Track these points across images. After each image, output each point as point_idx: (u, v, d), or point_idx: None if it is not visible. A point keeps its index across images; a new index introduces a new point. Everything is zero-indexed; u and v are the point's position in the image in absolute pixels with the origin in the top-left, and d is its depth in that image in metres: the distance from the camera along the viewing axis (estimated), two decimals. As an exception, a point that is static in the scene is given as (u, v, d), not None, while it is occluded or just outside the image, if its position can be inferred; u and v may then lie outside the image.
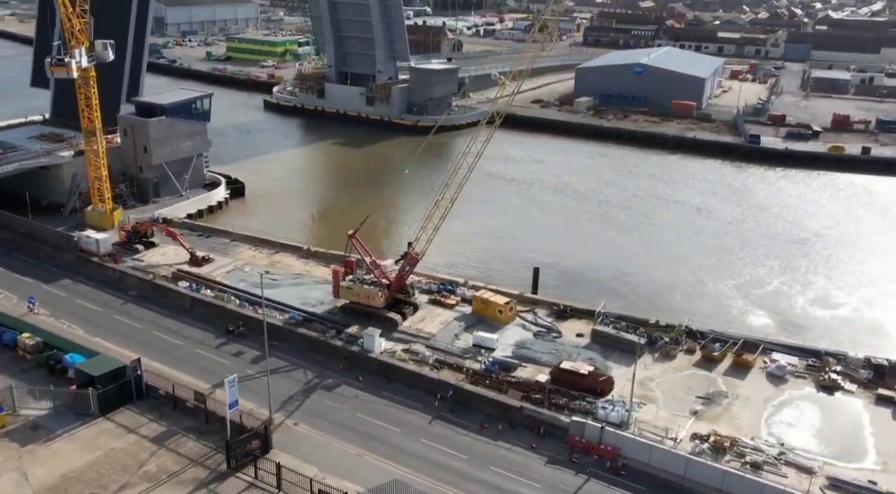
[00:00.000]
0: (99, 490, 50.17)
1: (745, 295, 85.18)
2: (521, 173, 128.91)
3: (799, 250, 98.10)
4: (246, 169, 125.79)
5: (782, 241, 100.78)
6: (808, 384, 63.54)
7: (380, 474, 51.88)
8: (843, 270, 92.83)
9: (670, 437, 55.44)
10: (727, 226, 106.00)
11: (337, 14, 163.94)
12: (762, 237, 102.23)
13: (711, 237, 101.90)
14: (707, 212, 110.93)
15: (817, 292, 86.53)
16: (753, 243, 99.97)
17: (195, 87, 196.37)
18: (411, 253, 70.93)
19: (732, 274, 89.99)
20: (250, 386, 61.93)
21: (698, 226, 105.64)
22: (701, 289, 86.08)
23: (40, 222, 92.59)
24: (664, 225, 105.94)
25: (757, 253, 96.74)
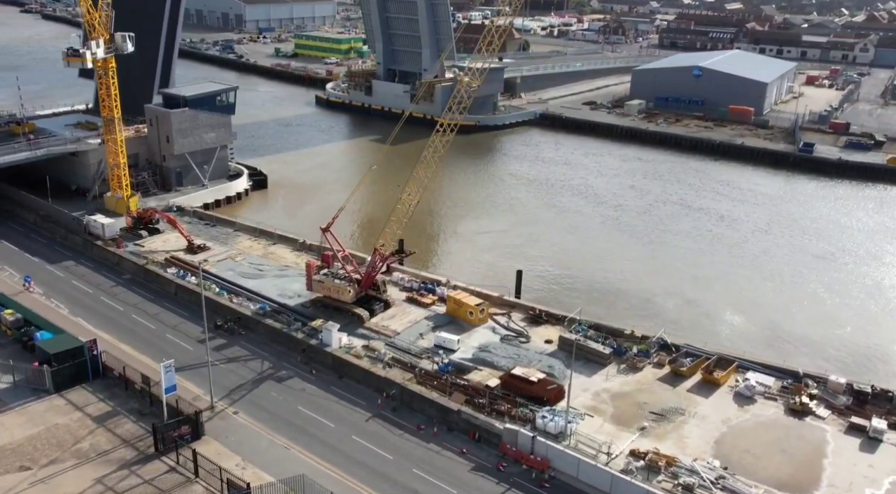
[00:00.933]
0: (29, 463, 51.97)
1: (740, 308, 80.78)
2: (545, 174, 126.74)
3: (817, 265, 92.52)
4: (277, 161, 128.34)
5: (802, 255, 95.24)
6: (777, 406, 59.72)
7: (299, 467, 51.85)
8: (857, 289, 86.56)
9: (605, 452, 53.16)
10: (747, 235, 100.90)
11: (386, 11, 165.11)
12: (781, 249, 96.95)
13: (725, 247, 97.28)
14: (730, 221, 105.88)
15: (822, 310, 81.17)
16: (769, 254, 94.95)
17: (258, 82, 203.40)
18: (378, 250, 70.66)
19: (733, 287, 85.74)
20: (203, 373, 63.10)
21: (715, 235, 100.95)
22: (690, 300, 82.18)
23: (67, 206, 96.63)
24: (676, 232, 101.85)
25: (768, 265, 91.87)
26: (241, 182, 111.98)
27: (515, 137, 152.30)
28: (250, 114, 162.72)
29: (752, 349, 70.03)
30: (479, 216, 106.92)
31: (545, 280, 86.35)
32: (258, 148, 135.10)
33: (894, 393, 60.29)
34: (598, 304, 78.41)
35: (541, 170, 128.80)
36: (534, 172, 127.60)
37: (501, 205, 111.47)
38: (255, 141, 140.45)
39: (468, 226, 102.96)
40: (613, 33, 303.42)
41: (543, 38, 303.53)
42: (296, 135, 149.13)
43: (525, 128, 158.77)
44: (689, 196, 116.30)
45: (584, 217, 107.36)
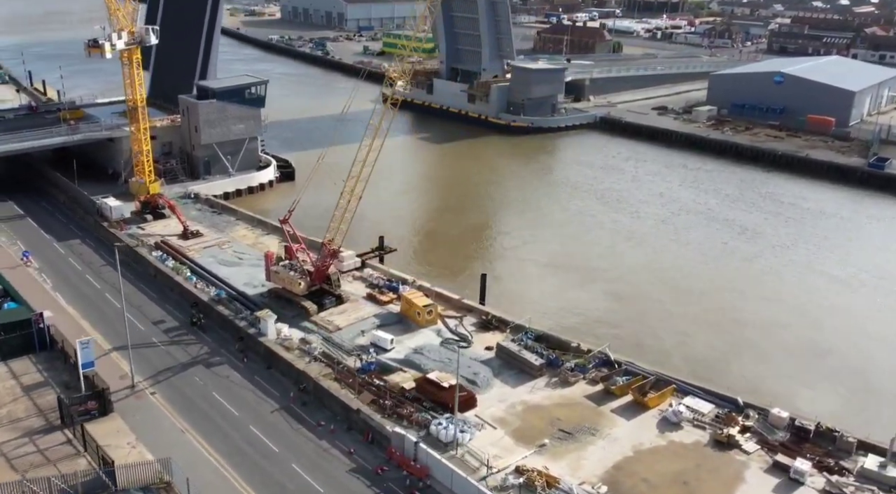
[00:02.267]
0: (-55, 425, 55.59)
1: (717, 326, 75.05)
2: (574, 176, 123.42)
3: (829, 288, 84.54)
4: (316, 155, 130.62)
5: (816, 276, 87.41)
6: (703, 436, 55.23)
7: (185, 451, 52.99)
8: (865, 320, 77.99)
9: (488, 466, 50.99)
10: (764, 250, 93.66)
11: (451, 10, 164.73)
12: (795, 267, 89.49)
13: (733, 261, 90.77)
14: (753, 235, 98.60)
15: (811, 336, 73.96)
16: (778, 272, 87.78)
17: (337, 78, 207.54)
18: (326, 245, 70.73)
19: (716, 303, 79.80)
20: (144, 353, 65.53)
21: (730, 248, 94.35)
22: (661, 314, 77.26)
23: (98, 189, 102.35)
24: (687, 242, 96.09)
25: (771, 283, 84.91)
26: (267, 173, 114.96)
27: (567, 140, 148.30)
28: (310, 107, 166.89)
29: (707, 371, 65.21)
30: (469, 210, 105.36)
31: (510, 282, 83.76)
32: (303, 141, 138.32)
33: (840, 433, 54.41)
34: (553, 312, 75.45)
35: (571, 173, 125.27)
36: (563, 174, 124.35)
37: (505, 200, 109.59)
38: (303, 134, 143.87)
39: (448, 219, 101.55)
40: (720, 36, 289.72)
41: (644, 41, 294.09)
42: (347, 130, 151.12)
43: (582, 131, 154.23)
44: (719, 206, 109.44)
45: (593, 220, 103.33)
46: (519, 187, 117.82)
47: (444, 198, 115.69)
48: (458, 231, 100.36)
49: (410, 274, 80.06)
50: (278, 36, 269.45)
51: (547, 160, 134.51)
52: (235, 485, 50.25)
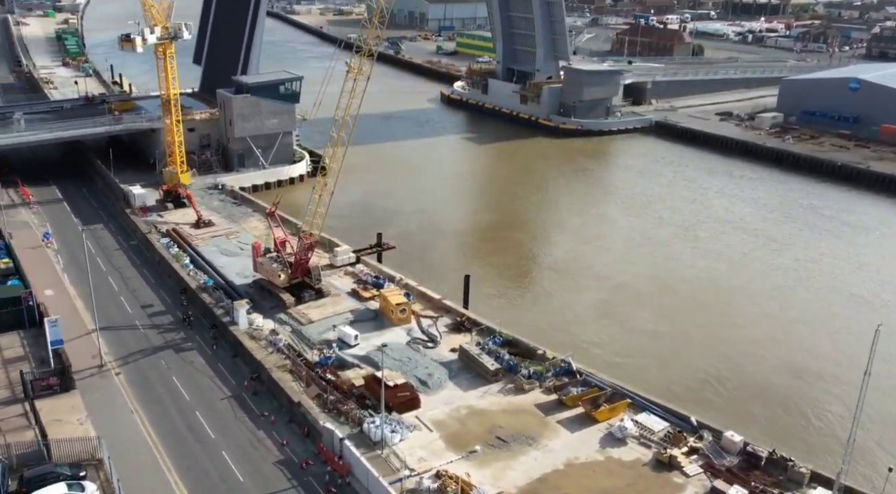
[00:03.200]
0: (-80, 388, 59.36)
1: (702, 341, 71.17)
2: (607, 179, 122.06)
3: (845, 306, 78.85)
4: (357, 151, 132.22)
5: (835, 295, 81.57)
6: (646, 454, 52.64)
7: (127, 430, 55.03)
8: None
9: (409, 469, 50.31)
10: (784, 264, 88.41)
11: (508, 10, 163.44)
12: (812, 283, 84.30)
13: (748, 272, 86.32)
14: (779, 246, 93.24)
15: (805, 358, 69.17)
16: (789, 287, 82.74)
17: (405, 77, 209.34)
18: (304, 237, 71.45)
19: (712, 317, 75.82)
20: (122, 335, 68.19)
21: (748, 259, 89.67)
22: (652, 326, 73.94)
23: (137, 177, 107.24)
24: (703, 251, 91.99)
25: (781, 297, 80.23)
26: (298, 167, 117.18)
27: (615, 144, 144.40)
28: (367, 104, 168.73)
29: (678, 387, 62.14)
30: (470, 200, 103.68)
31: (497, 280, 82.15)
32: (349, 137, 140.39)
33: (793, 462, 50.75)
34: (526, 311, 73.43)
35: (603, 176, 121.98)
36: (597, 177, 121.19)
37: (534, 204, 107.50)
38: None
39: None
40: (814, 40, 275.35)
41: (733, 44, 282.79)
42: (393, 127, 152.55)
43: (635, 135, 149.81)
44: (752, 216, 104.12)
45: (610, 224, 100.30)
46: (546, 188, 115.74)
47: (465, 196, 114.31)
48: (468, 229, 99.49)
49: (408, 273, 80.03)
50: (356, 36, 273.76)
51: (585, 163, 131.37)
52: (162, 467, 51.49)
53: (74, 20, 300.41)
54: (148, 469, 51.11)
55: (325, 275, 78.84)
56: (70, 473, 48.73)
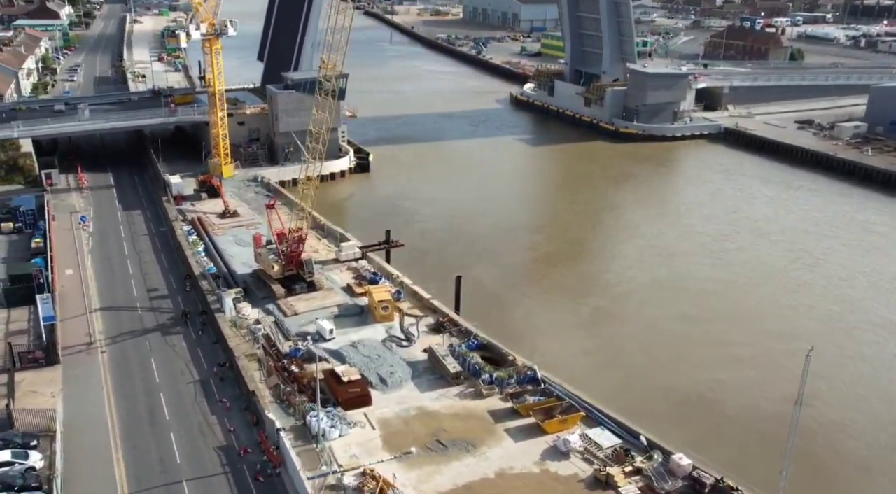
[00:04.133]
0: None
1: (687, 360, 67.30)
2: (649, 185, 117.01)
3: (861, 331, 72.83)
4: (405, 149, 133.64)
5: (854, 313, 75.57)
6: (585, 471, 50.50)
7: (90, 406, 57.56)
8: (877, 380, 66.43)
9: (338, 464, 50.36)
10: (813, 280, 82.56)
11: (578, 10, 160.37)
12: (839, 303, 78.06)
13: (771, 288, 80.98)
14: (812, 262, 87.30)
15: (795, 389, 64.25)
16: (806, 306, 77.27)
17: (481, 76, 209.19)
18: (293, 230, 72.55)
19: (708, 335, 71.55)
20: (119, 315, 71.49)
21: (772, 273, 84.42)
22: (640, 340, 70.44)
23: (190, 167, 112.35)
24: (726, 263, 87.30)
25: (793, 316, 74.80)
26: (341, 163, 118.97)
27: (675, 150, 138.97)
28: (428, 103, 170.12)
29: (643, 404, 59.28)
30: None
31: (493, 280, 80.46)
32: (400, 135, 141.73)
33: (740, 492, 47.46)
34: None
35: (649, 181, 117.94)
36: (640, 183, 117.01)
37: (562, 208, 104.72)
38: (405, 128, 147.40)
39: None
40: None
41: (842, 49, 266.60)
42: (450, 126, 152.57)
43: (700, 142, 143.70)
44: (793, 228, 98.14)
45: (632, 231, 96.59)
46: (581, 192, 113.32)
47: (496, 197, 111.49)
48: (489, 230, 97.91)
49: (412, 271, 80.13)
50: (445, 35, 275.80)
51: (635, 168, 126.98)
52: (110, 443, 53.54)
53: (184, 18, 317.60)
54: (96, 445, 53.27)
55: (327, 269, 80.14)
56: (21, 441, 51.53)
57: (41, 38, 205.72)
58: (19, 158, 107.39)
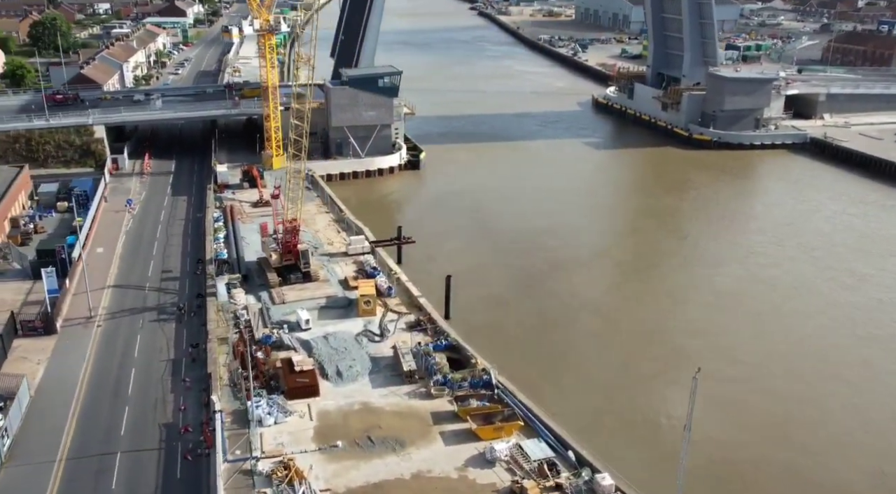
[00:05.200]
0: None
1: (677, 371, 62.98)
2: (702, 191, 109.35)
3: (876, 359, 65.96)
4: (464, 149, 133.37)
5: (871, 342, 68.44)
6: (503, 482, 48.78)
7: (69, 375, 61.00)
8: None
9: (262, 450, 51.18)
10: (855, 302, 75.83)
11: (662, 11, 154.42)
12: (868, 329, 71.08)
13: (797, 306, 74.73)
14: (856, 282, 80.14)
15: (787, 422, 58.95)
16: (828, 330, 70.50)
17: (569, 77, 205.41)
18: (285, 221, 74.00)
19: (711, 350, 66.65)
20: (127, 293, 75.56)
21: (806, 289, 78.90)
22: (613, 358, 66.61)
23: (248, 158, 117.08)
24: (752, 277, 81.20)
25: (810, 340, 68.34)
26: (390, 159, 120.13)
27: (749, 159, 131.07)
28: (506, 103, 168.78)
29: (595, 419, 56.54)
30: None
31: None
32: (465, 133, 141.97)
33: (652, 520, 44.51)
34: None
35: (699, 190, 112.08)
36: (690, 192, 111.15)
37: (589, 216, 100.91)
38: (472, 126, 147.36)
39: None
40: None
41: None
42: (520, 126, 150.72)
43: (781, 152, 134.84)
44: (844, 246, 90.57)
45: (643, 237, 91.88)
46: (624, 199, 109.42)
47: (534, 199, 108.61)
48: (512, 231, 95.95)
49: (418, 269, 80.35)
50: (548, 36, 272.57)
51: (695, 176, 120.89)
52: (69, 412, 56.56)
53: (300, 16, 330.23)
54: (56, 412, 56.45)
55: (334, 261, 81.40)
56: (-14, 403, 55.44)
57: (159, 34, 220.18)
58: (92, 143, 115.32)
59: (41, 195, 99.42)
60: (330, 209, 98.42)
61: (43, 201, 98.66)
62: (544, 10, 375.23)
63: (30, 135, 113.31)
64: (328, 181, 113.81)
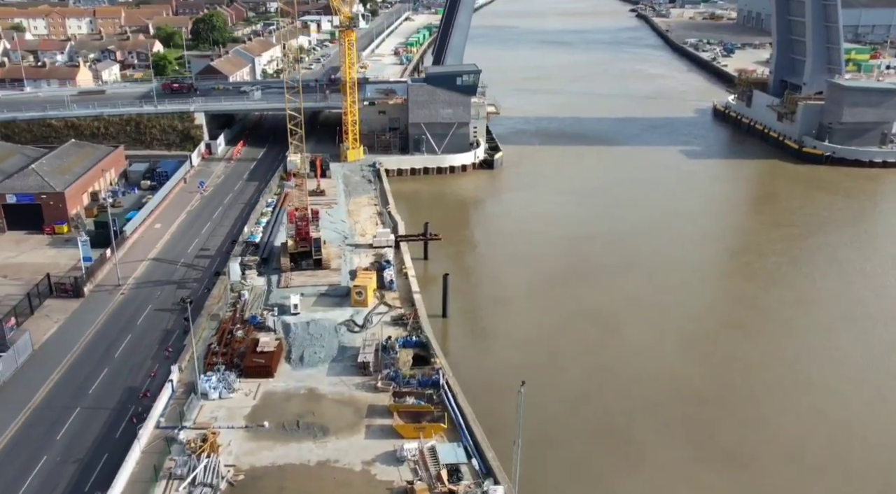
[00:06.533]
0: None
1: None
2: (768, 209, 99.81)
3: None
4: (550, 151, 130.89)
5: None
6: (402, 482, 48.17)
7: (68, 335, 66.76)
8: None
9: (194, 421, 53.83)
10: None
11: (788, 13, 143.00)
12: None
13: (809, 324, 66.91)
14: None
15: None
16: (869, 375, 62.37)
17: (704, 83, 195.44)
18: (299, 208, 76.33)
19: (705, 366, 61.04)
20: (161, 266, 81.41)
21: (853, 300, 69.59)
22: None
23: (330, 149, 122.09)
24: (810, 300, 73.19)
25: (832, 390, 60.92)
26: (463, 157, 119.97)
27: (866, 178, 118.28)
28: (616, 106, 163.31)
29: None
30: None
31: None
32: (556, 134, 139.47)
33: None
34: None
35: (771, 206, 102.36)
36: (758, 207, 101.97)
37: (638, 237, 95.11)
38: (567, 128, 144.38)
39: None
40: None
41: None
42: (615, 130, 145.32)
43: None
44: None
45: (662, 258, 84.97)
46: (679, 213, 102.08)
47: (597, 208, 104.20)
48: (551, 237, 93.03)
49: (434, 266, 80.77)
50: (695, 39, 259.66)
51: (785, 194, 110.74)
52: (56, 368, 61.99)
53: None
54: (46, 366, 61.96)
55: (357, 252, 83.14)
56: (-9, 349, 62.05)
57: (304, 30, 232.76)
58: (192, 129, 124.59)
59: (130, 173, 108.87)
60: (381, 202, 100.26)
61: (131, 179, 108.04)
62: (706, 12, 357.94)
63: (140, 119, 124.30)
64: (398, 175, 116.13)
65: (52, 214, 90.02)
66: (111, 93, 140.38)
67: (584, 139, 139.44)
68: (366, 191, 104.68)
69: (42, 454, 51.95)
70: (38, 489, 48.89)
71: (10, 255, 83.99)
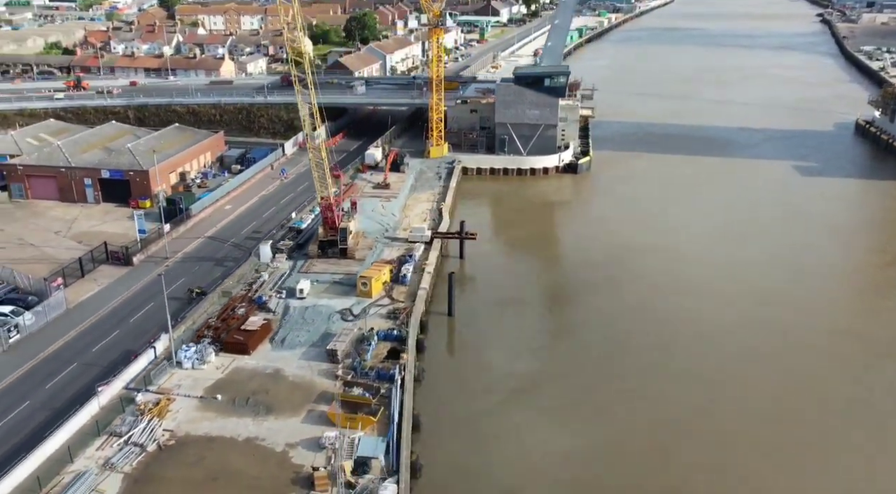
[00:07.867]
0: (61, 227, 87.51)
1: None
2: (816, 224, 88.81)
3: None
4: (646, 159, 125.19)
5: None
6: (318, 471, 48.77)
7: (96, 301, 73.11)
8: None
9: (157, 386, 57.54)
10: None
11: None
12: None
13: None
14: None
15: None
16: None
17: (863, 97, 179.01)
18: (323, 198, 78.51)
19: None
20: (212, 244, 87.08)
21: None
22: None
23: (418, 144, 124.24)
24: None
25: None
26: (546, 160, 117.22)
27: None
28: (741, 115, 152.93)
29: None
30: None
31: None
32: (659, 141, 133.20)
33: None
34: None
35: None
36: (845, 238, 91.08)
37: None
38: (675, 134, 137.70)
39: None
40: None
41: None
42: (725, 140, 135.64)
43: None
44: None
45: (669, 256, 77.34)
46: (759, 234, 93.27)
47: (680, 230, 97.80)
48: (581, 247, 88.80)
49: (461, 264, 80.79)
50: (872, 47, 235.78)
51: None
52: (75, 327, 68.11)
53: (611, 18, 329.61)
54: (70, 324, 68.44)
55: (391, 245, 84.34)
56: (25, 304, 69.34)
57: (451, 30, 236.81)
58: (296, 120, 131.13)
59: (225, 157, 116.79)
60: (442, 199, 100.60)
61: (225, 163, 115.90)
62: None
63: (250, 109, 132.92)
64: (477, 174, 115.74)
65: (137, 189, 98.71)
66: (238, 83, 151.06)
67: (689, 148, 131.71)
68: (432, 187, 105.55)
69: (26, 399, 57.66)
70: (8, 428, 54.32)
71: (94, 224, 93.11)
